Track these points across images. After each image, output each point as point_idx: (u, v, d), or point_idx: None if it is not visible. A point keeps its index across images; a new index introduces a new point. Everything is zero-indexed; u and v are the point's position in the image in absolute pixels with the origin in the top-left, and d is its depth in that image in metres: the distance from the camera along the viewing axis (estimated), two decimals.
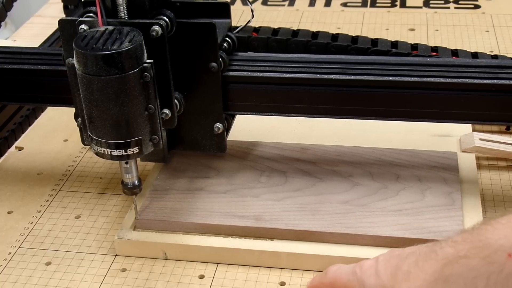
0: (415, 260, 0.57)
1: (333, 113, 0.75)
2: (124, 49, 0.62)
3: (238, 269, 0.73)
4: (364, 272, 0.61)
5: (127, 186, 0.72)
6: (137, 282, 0.72)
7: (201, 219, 0.74)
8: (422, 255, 0.57)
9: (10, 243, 0.79)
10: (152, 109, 0.67)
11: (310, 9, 1.32)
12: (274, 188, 0.78)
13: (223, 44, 0.74)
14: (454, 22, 1.23)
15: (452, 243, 0.54)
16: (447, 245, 0.55)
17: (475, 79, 0.70)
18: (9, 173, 0.91)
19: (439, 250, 0.55)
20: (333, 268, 0.65)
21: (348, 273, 0.63)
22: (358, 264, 0.63)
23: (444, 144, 0.84)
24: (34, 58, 0.79)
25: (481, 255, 0.51)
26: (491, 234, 0.52)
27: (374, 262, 0.61)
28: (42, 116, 1.03)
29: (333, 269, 0.65)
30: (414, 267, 0.56)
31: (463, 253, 0.53)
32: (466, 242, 0.53)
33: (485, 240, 0.52)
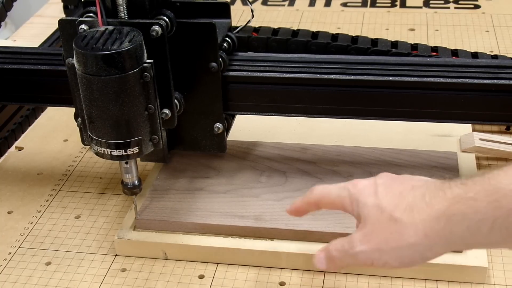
0: (421, 194, 0.56)
1: (333, 113, 0.75)
2: (124, 49, 0.62)
3: (238, 269, 0.73)
4: (360, 190, 0.59)
5: (127, 186, 0.72)
6: (137, 282, 0.72)
7: (201, 219, 0.74)
8: (430, 190, 0.56)
9: (10, 243, 0.79)
10: (152, 109, 0.67)
11: (310, 9, 1.32)
12: (274, 188, 0.78)
13: (223, 44, 0.74)
14: (454, 22, 1.23)
15: (461, 184, 0.54)
16: (455, 186, 0.54)
17: (475, 79, 0.70)
18: (9, 173, 0.91)
19: (447, 189, 0.54)
20: (319, 186, 0.63)
21: (339, 189, 0.61)
22: (350, 182, 0.61)
23: (444, 144, 0.84)
24: (34, 58, 0.80)
25: (489, 198, 0.51)
26: (502, 178, 0.51)
27: (372, 183, 0.59)
28: (42, 116, 1.03)
29: (319, 187, 0.63)
30: (420, 200, 0.56)
31: (471, 194, 0.52)
32: (476, 185, 0.53)
33: (495, 184, 0.51)
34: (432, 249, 0.55)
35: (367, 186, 0.59)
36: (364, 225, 0.58)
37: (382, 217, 0.57)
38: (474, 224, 0.52)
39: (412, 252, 0.56)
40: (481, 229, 0.52)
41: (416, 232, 0.55)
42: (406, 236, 0.56)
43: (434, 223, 0.54)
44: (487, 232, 0.52)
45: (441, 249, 0.56)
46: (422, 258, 0.56)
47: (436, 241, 0.55)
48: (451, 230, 0.54)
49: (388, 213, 0.57)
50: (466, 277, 0.69)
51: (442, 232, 0.54)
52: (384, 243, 0.57)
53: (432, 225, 0.54)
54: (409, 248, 0.56)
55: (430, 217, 0.55)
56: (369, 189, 0.59)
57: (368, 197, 0.58)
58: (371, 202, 0.58)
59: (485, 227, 0.52)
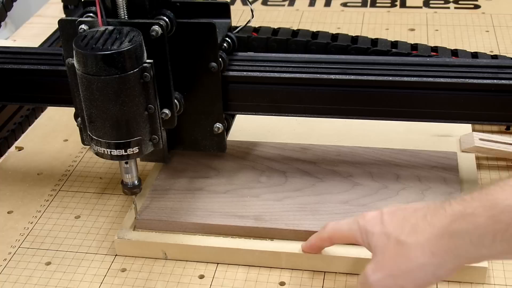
0: (423, 214, 0.58)
1: (333, 113, 0.75)
2: (124, 49, 0.62)
3: (238, 269, 0.73)
4: (368, 221, 0.62)
5: (127, 186, 0.72)
6: (137, 282, 0.72)
7: (201, 219, 0.74)
8: (431, 210, 0.58)
9: (10, 243, 0.79)
10: (152, 109, 0.67)
11: (310, 9, 1.32)
12: (274, 188, 0.78)
13: (223, 44, 0.74)
14: (454, 22, 1.23)
15: (461, 201, 0.56)
16: (455, 203, 0.56)
17: (475, 79, 0.70)
18: (9, 173, 0.91)
19: (447, 206, 0.56)
20: (330, 223, 0.66)
21: (349, 224, 0.64)
22: (359, 215, 0.63)
23: (444, 144, 0.84)
24: (34, 58, 0.79)
25: (487, 213, 0.53)
26: (499, 194, 0.53)
27: (378, 213, 0.62)
28: (42, 116, 1.03)
29: (331, 223, 0.66)
30: (422, 221, 0.57)
31: (470, 210, 0.54)
32: (474, 201, 0.54)
33: (492, 200, 0.53)
34: (442, 266, 0.57)
35: (374, 217, 0.62)
36: (375, 254, 0.61)
37: (389, 243, 0.59)
38: (476, 238, 0.54)
39: (424, 273, 0.57)
40: (483, 242, 0.53)
41: (423, 252, 0.57)
42: (414, 258, 0.57)
43: (438, 240, 0.56)
44: (489, 244, 0.53)
45: (451, 265, 0.57)
46: (435, 277, 0.58)
47: (443, 258, 0.56)
48: (455, 245, 0.55)
49: (394, 238, 0.59)
50: (466, 277, 0.69)
51: (447, 248, 0.56)
52: (395, 268, 0.59)
53: (437, 243, 0.56)
54: (419, 269, 0.57)
55: (433, 236, 0.56)
56: (376, 219, 0.61)
57: (375, 227, 0.61)
58: (378, 231, 0.60)
59: (487, 240, 0.53)
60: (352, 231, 0.63)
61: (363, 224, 0.62)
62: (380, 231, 0.60)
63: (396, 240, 0.58)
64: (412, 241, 0.57)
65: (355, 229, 0.63)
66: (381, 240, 0.60)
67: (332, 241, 0.67)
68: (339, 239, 0.66)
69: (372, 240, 0.61)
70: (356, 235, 0.63)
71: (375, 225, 0.61)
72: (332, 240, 0.67)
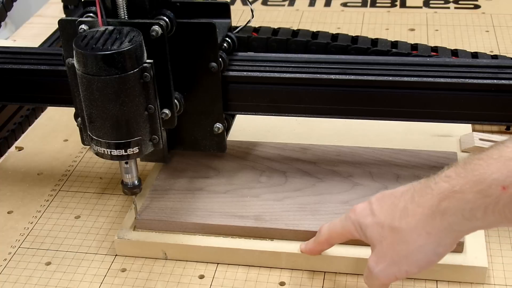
0: (410, 197, 0.58)
1: (333, 113, 0.75)
2: (124, 49, 0.62)
3: (238, 269, 0.73)
4: (359, 214, 0.62)
5: (127, 186, 0.72)
6: (137, 282, 0.72)
7: (201, 219, 0.74)
8: (417, 191, 0.58)
9: (10, 243, 0.79)
10: (152, 109, 0.67)
11: (310, 9, 1.32)
12: (274, 188, 0.78)
13: (223, 44, 0.74)
14: (454, 22, 1.23)
15: (446, 178, 0.56)
16: (441, 180, 0.56)
17: (475, 79, 0.70)
18: (9, 173, 0.91)
19: (433, 185, 0.56)
20: (324, 225, 0.67)
21: (342, 221, 0.64)
22: (350, 210, 0.64)
23: (444, 144, 0.84)
24: (34, 58, 0.79)
25: (475, 189, 0.53)
26: (485, 169, 0.53)
27: (366, 204, 0.62)
28: (42, 116, 1.03)
29: (325, 226, 0.67)
30: (410, 203, 0.58)
31: (458, 187, 0.54)
32: (460, 177, 0.54)
33: (479, 175, 0.53)
34: (440, 243, 0.57)
35: (364, 208, 0.62)
36: (373, 246, 0.61)
37: (384, 232, 0.59)
38: (467, 213, 0.54)
39: (424, 254, 0.58)
40: (476, 216, 0.54)
41: (419, 234, 0.57)
42: (411, 241, 0.58)
43: (431, 220, 0.56)
44: (482, 217, 0.54)
45: (449, 240, 0.58)
46: (437, 254, 0.58)
47: (440, 235, 0.57)
48: (448, 223, 0.56)
49: (388, 225, 0.59)
50: (466, 277, 0.69)
51: (441, 226, 0.56)
52: (396, 255, 0.59)
53: (430, 223, 0.56)
54: (419, 251, 0.58)
55: (425, 216, 0.56)
56: (366, 210, 0.62)
57: (367, 218, 0.61)
58: (370, 221, 0.61)
59: (479, 213, 0.54)
60: (347, 228, 0.63)
61: (355, 218, 0.62)
62: (372, 221, 0.60)
63: (389, 227, 0.59)
64: (406, 225, 0.58)
65: (349, 224, 0.63)
66: (375, 231, 0.60)
67: (330, 243, 0.67)
68: (336, 239, 0.66)
69: (367, 232, 0.61)
70: (352, 230, 0.63)
71: (367, 216, 0.61)
72: (330, 242, 0.67)
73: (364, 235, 0.62)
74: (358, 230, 0.62)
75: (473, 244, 0.69)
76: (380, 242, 0.60)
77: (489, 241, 0.73)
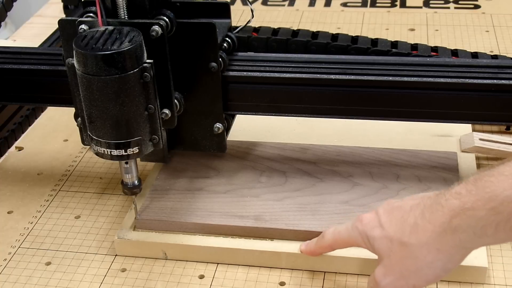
0: (420, 212, 0.58)
1: (333, 113, 0.75)
2: (124, 49, 0.62)
3: (238, 269, 0.73)
4: (366, 225, 0.62)
5: (127, 186, 0.72)
6: (137, 282, 0.72)
7: (201, 219, 0.74)
8: (427, 207, 0.57)
9: (10, 243, 0.79)
10: (152, 109, 0.67)
11: (310, 9, 1.32)
12: (274, 188, 0.78)
13: (223, 44, 0.74)
14: (454, 22, 1.23)
15: (456, 194, 0.55)
16: (451, 197, 0.56)
17: (475, 79, 0.70)
18: (9, 173, 0.91)
19: (444, 202, 0.56)
20: (329, 230, 0.66)
21: (348, 230, 0.64)
22: (356, 219, 0.63)
23: (444, 144, 0.84)
24: (34, 58, 0.79)
25: (487, 206, 0.53)
26: (496, 186, 0.53)
27: (374, 215, 0.62)
28: (42, 116, 1.03)
29: (329, 231, 0.66)
30: (421, 219, 0.57)
31: (469, 205, 0.54)
32: (471, 195, 0.54)
33: (490, 192, 0.53)
34: (450, 260, 0.57)
35: (371, 219, 0.62)
36: (381, 258, 0.61)
37: (393, 246, 0.59)
38: (479, 230, 0.54)
39: (433, 269, 0.58)
40: (486, 232, 0.54)
41: (429, 250, 0.57)
42: (421, 257, 0.58)
43: (442, 237, 0.56)
44: (492, 234, 0.54)
45: (459, 257, 0.58)
46: (445, 270, 0.58)
47: (450, 252, 0.57)
48: (459, 240, 0.56)
49: (397, 240, 0.59)
50: (466, 277, 0.69)
51: (452, 243, 0.56)
52: (404, 270, 0.59)
53: (441, 240, 0.56)
54: (428, 267, 0.58)
55: (436, 234, 0.56)
56: (374, 222, 0.61)
57: (375, 230, 0.61)
58: (379, 234, 0.60)
59: (489, 230, 0.54)
60: (353, 238, 0.63)
61: (362, 229, 0.62)
62: (381, 234, 0.60)
63: (399, 242, 0.59)
64: (416, 241, 0.57)
65: (356, 235, 0.63)
66: (384, 244, 0.60)
67: (333, 248, 0.67)
68: (341, 246, 0.66)
69: (375, 244, 0.61)
70: (358, 240, 0.63)
71: (374, 229, 0.61)
72: (333, 248, 0.67)
73: (372, 247, 0.61)
74: (365, 241, 0.62)
75: None
76: (389, 256, 0.60)
77: None
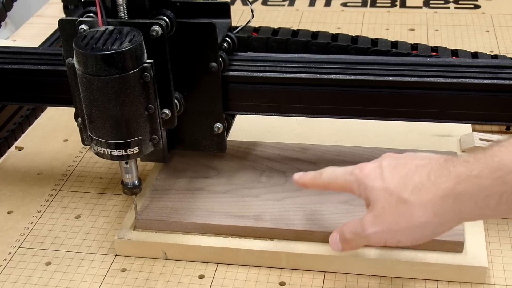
0: (427, 174, 0.58)
1: (333, 113, 0.75)
2: (124, 49, 0.62)
3: (238, 269, 0.73)
4: (367, 174, 0.62)
5: (127, 186, 0.72)
6: (137, 282, 0.72)
7: (201, 219, 0.74)
8: (434, 170, 0.58)
9: (10, 243, 0.79)
10: (152, 109, 0.67)
11: (310, 9, 1.32)
12: (274, 188, 0.78)
13: (223, 44, 0.74)
14: (454, 22, 1.23)
15: (464, 162, 0.56)
16: (459, 164, 0.56)
17: (475, 79, 0.70)
18: (9, 173, 0.91)
19: (451, 167, 0.56)
20: (328, 169, 0.66)
21: (346, 174, 0.64)
22: (356, 166, 0.63)
23: (444, 144, 0.84)
24: (34, 58, 0.79)
25: (494, 175, 0.53)
26: (505, 155, 0.53)
27: (377, 166, 0.62)
28: (42, 116, 1.03)
29: (328, 171, 0.66)
30: (426, 180, 0.58)
31: (475, 172, 0.54)
32: (479, 163, 0.54)
33: (498, 161, 0.53)
34: (442, 225, 0.58)
35: (373, 170, 0.62)
36: (374, 207, 0.60)
37: (391, 199, 0.59)
38: (481, 200, 0.54)
39: (423, 230, 0.58)
40: (488, 204, 0.54)
41: (426, 212, 0.57)
42: (416, 216, 0.58)
43: (443, 202, 0.56)
44: (494, 205, 0.54)
45: (452, 224, 0.58)
46: (433, 234, 0.59)
47: (446, 218, 0.57)
48: (459, 208, 0.56)
49: (397, 195, 0.59)
50: (466, 277, 0.69)
51: (451, 210, 0.56)
52: (395, 224, 0.59)
53: (441, 204, 0.56)
54: (419, 227, 0.58)
55: (438, 197, 0.57)
56: (375, 173, 0.61)
57: (375, 181, 0.61)
58: (379, 186, 0.60)
59: (492, 201, 0.54)
60: (348, 182, 0.63)
61: (361, 177, 0.62)
62: (381, 186, 0.60)
63: (398, 197, 0.59)
64: (415, 200, 0.58)
65: (352, 180, 0.63)
66: (382, 195, 0.60)
67: (326, 188, 0.67)
68: (334, 188, 0.66)
69: (372, 194, 0.61)
70: (353, 186, 0.63)
71: (375, 179, 0.61)
72: (326, 188, 0.67)
73: (366, 195, 0.61)
74: (361, 189, 0.62)
75: (473, 244, 0.69)
76: (383, 208, 0.60)
77: (489, 241, 0.73)
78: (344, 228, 0.63)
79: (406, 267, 0.69)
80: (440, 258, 0.68)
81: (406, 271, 0.69)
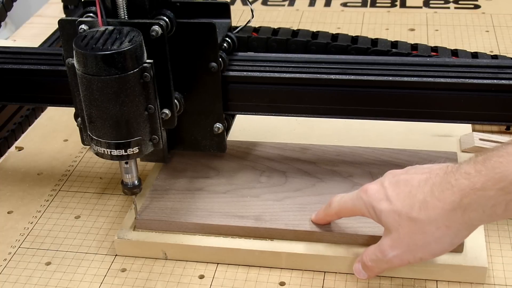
0: (430, 190, 0.59)
1: (333, 113, 0.75)
2: (124, 49, 0.62)
3: (238, 269, 0.73)
4: (371, 196, 0.63)
5: (127, 186, 0.72)
6: (137, 282, 0.72)
7: (201, 219, 0.74)
8: (437, 185, 0.59)
9: (10, 243, 0.79)
10: (152, 109, 0.67)
11: (310, 9, 1.32)
12: (274, 188, 0.78)
13: (223, 44, 0.74)
14: (454, 22, 1.23)
15: (466, 174, 0.57)
16: (461, 177, 0.57)
17: (475, 79, 0.70)
18: (9, 173, 0.91)
19: (453, 181, 0.57)
20: (336, 198, 0.68)
21: (353, 199, 0.65)
22: (361, 190, 0.64)
23: (444, 144, 0.84)
24: (34, 58, 0.80)
25: (497, 186, 0.55)
26: (506, 167, 0.54)
27: (379, 187, 0.63)
28: (42, 116, 1.03)
29: (336, 199, 0.68)
30: (430, 196, 0.59)
31: (479, 185, 0.55)
32: (481, 175, 0.56)
33: (500, 173, 0.54)
34: (458, 235, 0.59)
35: (377, 191, 0.63)
36: (389, 231, 0.62)
37: (401, 220, 0.60)
38: (489, 209, 0.56)
39: (441, 244, 0.60)
40: (496, 211, 0.56)
41: (438, 227, 0.59)
42: (430, 233, 0.59)
43: (452, 215, 0.58)
44: (502, 212, 0.56)
45: (466, 232, 0.60)
46: (451, 244, 0.60)
47: (458, 228, 0.59)
48: (469, 218, 0.57)
49: (405, 215, 0.60)
50: (466, 277, 0.69)
51: (461, 220, 0.58)
52: (412, 244, 0.61)
53: (451, 217, 0.58)
54: (436, 242, 0.60)
55: (446, 211, 0.58)
56: (380, 194, 0.63)
57: (381, 203, 0.62)
58: (386, 208, 0.62)
59: (499, 209, 0.56)
60: (358, 207, 0.65)
61: (367, 200, 0.63)
62: (388, 208, 0.61)
63: (407, 217, 0.60)
64: (425, 218, 0.59)
65: (360, 204, 0.64)
66: (391, 218, 0.61)
67: (339, 216, 0.69)
68: (346, 215, 0.68)
69: (382, 217, 0.62)
70: (363, 210, 0.64)
71: (381, 201, 0.62)
72: (339, 216, 0.69)
73: (378, 218, 0.63)
74: (371, 212, 0.63)
75: (473, 244, 0.69)
76: (397, 230, 0.61)
77: (489, 241, 0.73)
78: (363, 257, 0.65)
79: (406, 267, 0.69)
80: (440, 258, 0.68)
81: (406, 271, 0.69)
